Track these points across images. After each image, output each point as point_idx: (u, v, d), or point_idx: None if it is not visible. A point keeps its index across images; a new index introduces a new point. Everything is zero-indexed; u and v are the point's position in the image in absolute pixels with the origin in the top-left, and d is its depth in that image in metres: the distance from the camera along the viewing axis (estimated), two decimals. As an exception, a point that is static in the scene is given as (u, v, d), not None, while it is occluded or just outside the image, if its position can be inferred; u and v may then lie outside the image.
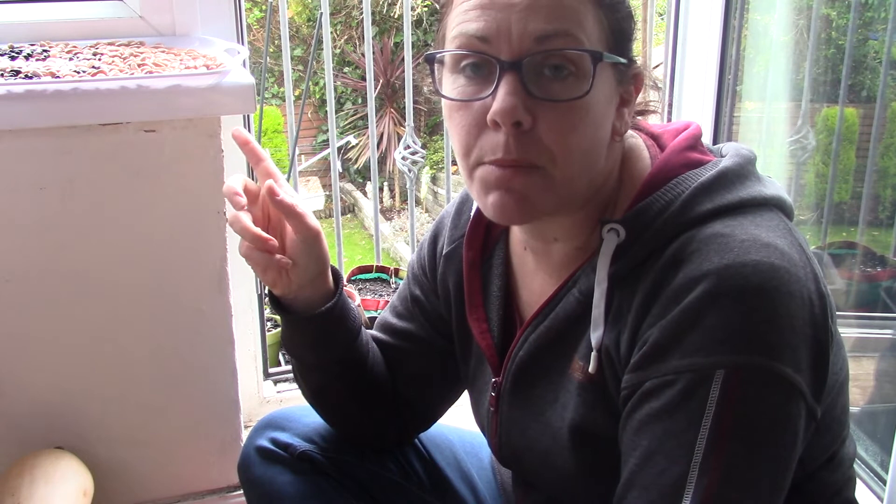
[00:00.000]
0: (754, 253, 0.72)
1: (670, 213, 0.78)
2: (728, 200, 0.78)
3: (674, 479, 0.71)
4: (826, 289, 0.77)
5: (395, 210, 7.44)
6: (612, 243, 0.79)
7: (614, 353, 0.80)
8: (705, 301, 0.71)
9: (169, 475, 1.48)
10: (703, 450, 0.71)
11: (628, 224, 0.79)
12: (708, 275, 0.72)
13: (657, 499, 0.72)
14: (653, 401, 0.74)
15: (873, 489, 1.49)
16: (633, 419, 0.76)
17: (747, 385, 0.71)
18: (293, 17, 7.27)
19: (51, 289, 1.31)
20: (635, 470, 0.75)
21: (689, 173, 0.80)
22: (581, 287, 0.83)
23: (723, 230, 0.75)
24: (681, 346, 0.72)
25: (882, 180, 1.94)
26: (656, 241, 0.78)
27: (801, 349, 0.72)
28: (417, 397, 1.08)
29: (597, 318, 0.80)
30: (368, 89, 2.12)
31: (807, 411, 0.74)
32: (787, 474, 0.74)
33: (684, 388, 0.72)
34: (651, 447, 0.73)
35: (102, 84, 1.19)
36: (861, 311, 1.90)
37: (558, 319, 0.86)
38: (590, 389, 0.83)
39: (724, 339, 0.71)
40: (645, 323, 0.76)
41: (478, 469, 1.16)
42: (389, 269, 2.36)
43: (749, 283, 0.71)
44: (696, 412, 0.71)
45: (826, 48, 1.98)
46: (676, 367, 0.72)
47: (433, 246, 1.04)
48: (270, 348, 1.92)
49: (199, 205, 1.33)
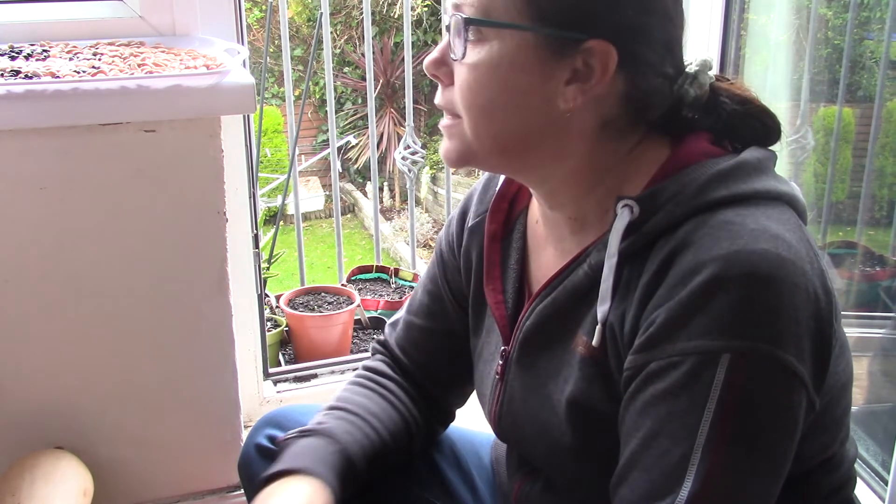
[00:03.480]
0: (763, 242, 0.73)
1: (685, 195, 0.79)
2: (742, 190, 0.79)
3: (675, 460, 0.72)
4: (832, 287, 0.77)
5: (395, 210, 7.43)
6: (625, 219, 0.80)
7: (618, 329, 0.80)
8: (713, 285, 0.72)
9: (169, 475, 1.48)
10: (705, 433, 0.71)
11: (643, 202, 0.80)
12: (716, 259, 0.72)
13: (658, 479, 0.73)
14: (658, 382, 0.74)
15: (874, 489, 1.49)
16: (637, 400, 0.76)
17: (752, 370, 0.71)
18: (293, 17, 7.27)
19: (51, 289, 1.31)
20: (637, 450, 0.75)
21: (707, 161, 0.81)
22: (591, 262, 0.84)
23: (734, 218, 0.76)
24: (687, 329, 0.73)
25: (879, 180, 1.94)
26: (668, 222, 0.78)
27: (804, 340, 0.73)
28: (443, 384, 1.10)
29: (605, 292, 0.81)
30: (368, 89, 2.12)
31: (807, 401, 0.74)
32: (785, 461, 0.74)
33: (689, 371, 0.72)
34: (654, 428, 0.74)
35: (102, 84, 1.19)
36: (860, 311, 1.90)
37: (566, 292, 0.87)
38: (591, 364, 0.83)
39: (731, 323, 0.71)
40: (651, 303, 0.76)
41: (478, 468, 1.16)
42: (389, 269, 2.36)
43: (757, 270, 0.71)
44: (700, 395, 0.72)
45: (823, 48, 1.98)
46: (682, 349, 0.73)
47: (461, 221, 1.06)
48: (270, 348, 1.92)
49: (199, 205, 1.34)
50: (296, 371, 1.87)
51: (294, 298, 2.10)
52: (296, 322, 2.00)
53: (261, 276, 1.73)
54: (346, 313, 2.01)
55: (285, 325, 2.03)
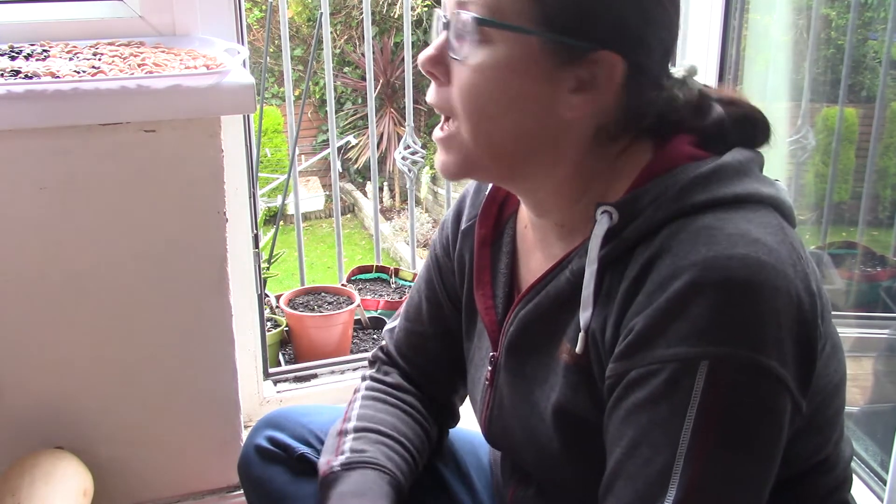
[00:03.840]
0: (742, 247, 0.72)
1: (664, 200, 0.78)
2: (723, 194, 0.78)
3: (659, 468, 0.72)
4: (819, 288, 0.77)
5: (395, 210, 7.44)
6: (604, 225, 0.80)
7: (600, 336, 0.80)
8: (691, 291, 0.71)
9: (169, 475, 1.48)
10: (687, 440, 0.71)
11: (622, 207, 0.79)
12: (694, 265, 0.72)
13: (643, 488, 0.72)
14: (638, 390, 0.74)
15: (873, 489, 1.49)
16: (619, 409, 0.76)
17: (732, 377, 0.71)
18: (293, 17, 7.27)
19: (51, 289, 1.31)
20: (621, 460, 0.75)
21: (688, 164, 0.81)
22: (573, 268, 0.84)
23: (714, 223, 0.75)
24: (665, 336, 0.72)
25: (882, 180, 1.94)
26: (647, 227, 0.78)
27: (786, 343, 0.72)
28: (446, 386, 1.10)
29: (586, 299, 0.80)
30: (368, 89, 2.12)
31: (793, 405, 0.74)
32: (771, 467, 0.74)
33: (669, 378, 0.72)
34: (636, 437, 0.74)
35: (102, 84, 1.19)
36: (861, 311, 1.90)
37: (548, 297, 0.86)
38: (575, 371, 0.83)
39: (709, 329, 0.71)
40: (631, 310, 0.76)
41: (476, 469, 1.16)
42: (389, 269, 2.36)
43: (735, 275, 0.71)
44: (680, 402, 0.71)
45: (826, 48, 1.98)
46: (661, 357, 0.72)
47: (456, 224, 1.05)
48: (270, 348, 1.92)
49: (199, 205, 1.33)
50: (296, 371, 1.87)
51: (294, 298, 2.10)
52: (296, 322, 2.00)
53: (261, 276, 1.73)
54: (346, 313, 2.01)
55: (285, 325, 2.03)
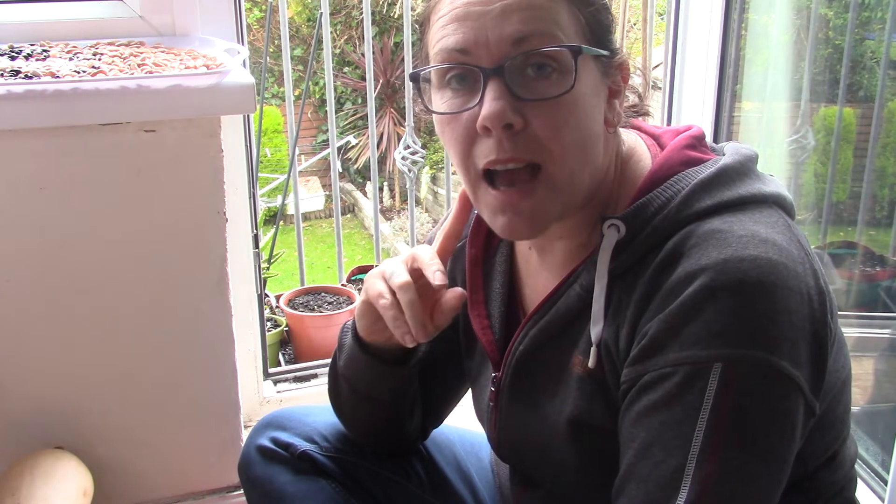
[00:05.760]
0: (752, 248, 0.73)
1: (670, 209, 0.79)
2: (727, 197, 0.79)
3: (671, 470, 0.72)
4: (826, 285, 0.77)
5: (395, 210, 7.43)
6: (612, 239, 0.80)
7: (613, 347, 0.80)
8: (703, 295, 0.72)
9: (169, 475, 1.48)
10: (700, 442, 0.71)
11: (628, 220, 0.80)
12: (706, 269, 0.72)
13: (655, 490, 0.72)
14: (651, 393, 0.74)
15: (874, 489, 1.49)
16: (632, 411, 0.76)
17: (745, 378, 0.71)
18: (293, 17, 7.26)
19: (51, 289, 1.31)
20: (633, 462, 0.75)
21: (688, 170, 0.81)
22: (582, 282, 0.84)
23: (721, 226, 0.76)
24: (679, 339, 0.73)
25: (880, 180, 1.94)
26: (656, 237, 0.78)
27: (799, 344, 0.72)
28: (434, 392, 1.09)
29: (597, 313, 0.81)
30: (368, 89, 2.12)
31: (805, 406, 0.74)
32: (784, 468, 0.74)
33: (682, 381, 0.72)
34: (648, 439, 0.74)
35: (102, 84, 1.19)
36: (861, 311, 1.90)
37: (559, 314, 0.86)
38: (589, 382, 0.83)
39: (722, 332, 0.71)
40: (644, 317, 0.76)
41: (477, 469, 1.16)
42: (389, 269, 2.36)
43: (747, 277, 0.71)
44: (693, 404, 0.72)
45: (824, 48, 1.98)
46: (674, 360, 0.73)
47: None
48: (270, 348, 1.92)
49: (199, 205, 1.34)
50: (296, 371, 1.87)
51: (294, 298, 2.10)
52: (296, 322, 2.00)
53: (261, 276, 1.73)
54: (346, 313, 2.01)
55: (285, 325, 2.03)
